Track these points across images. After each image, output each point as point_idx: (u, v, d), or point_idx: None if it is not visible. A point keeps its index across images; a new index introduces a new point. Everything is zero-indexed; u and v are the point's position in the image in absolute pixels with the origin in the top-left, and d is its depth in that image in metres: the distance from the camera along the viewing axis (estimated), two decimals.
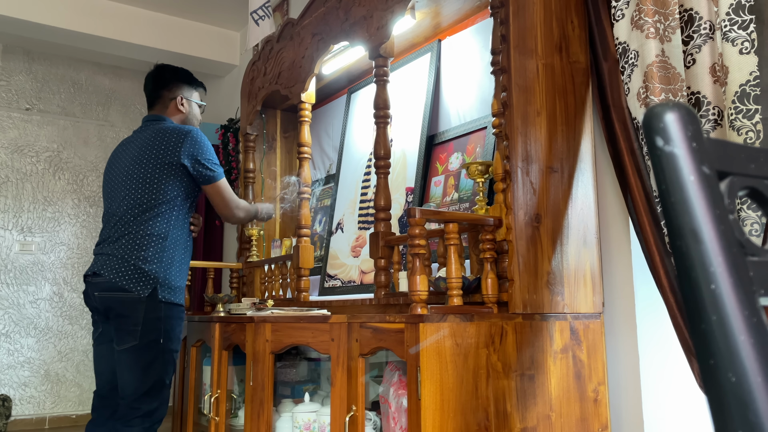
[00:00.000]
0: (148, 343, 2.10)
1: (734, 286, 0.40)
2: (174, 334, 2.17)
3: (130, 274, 2.11)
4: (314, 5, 2.50)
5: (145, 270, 2.11)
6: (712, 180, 0.43)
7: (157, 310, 2.12)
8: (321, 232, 2.90)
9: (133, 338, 2.10)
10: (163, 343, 2.13)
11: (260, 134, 3.11)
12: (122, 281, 2.10)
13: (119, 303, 2.11)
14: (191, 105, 2.47)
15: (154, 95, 2.45)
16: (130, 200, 2.20)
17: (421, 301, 1.51)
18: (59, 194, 4.86)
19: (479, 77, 2.19)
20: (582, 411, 1.67)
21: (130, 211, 2.19)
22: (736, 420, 0.38)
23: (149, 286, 2.10)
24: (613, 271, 1.80)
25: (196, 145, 2.25)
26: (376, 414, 1.82)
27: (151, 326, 2.10)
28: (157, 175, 2.21)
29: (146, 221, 2.17)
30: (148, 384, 2.12)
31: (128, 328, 2.10)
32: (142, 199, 2.19)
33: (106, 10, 4.11)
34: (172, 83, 2.45)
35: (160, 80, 2.45)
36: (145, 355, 2.11)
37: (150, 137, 2.28)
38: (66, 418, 4.65)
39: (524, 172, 1.65)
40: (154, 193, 2.20)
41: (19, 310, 4.61)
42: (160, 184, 2.20)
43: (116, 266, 2.13)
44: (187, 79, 2.50)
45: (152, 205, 2.19)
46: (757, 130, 1.37)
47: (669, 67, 1.51)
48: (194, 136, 2.26)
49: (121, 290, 2.10)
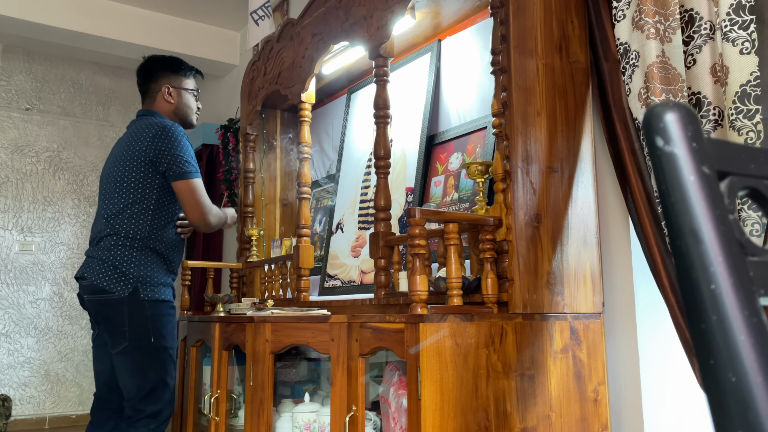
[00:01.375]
0: (138, 343, 2.07)
1: (734, 286, 0.40)
2: (165, 331, 2.13)
3: (110, 274, 2.07)
4: (314, 5, 2.50)
5: (123, 270, 2.07)
6: (712, 180, 0.43)
7: (142, 309, 2.07)
8: (321, 232, 2.90)
9: (124, 339, 2.07)
10: (154, 342, 2.09)
11: (260, 134, 3.11)
12: (103, 282, 2.07)
13: (104, 305, 2.09)
14: (180, 94, 2.35)
15: (143, 89, 2.38)
16: (111, 201, 2.17)
17: (421, 301, 1.51)
18: (59, 194, 4.86)
19: (479, 77, 2.19)
20: (582, 411, 1.67)
21: (110, 212, 2.15)
22: (736, 420, 0.38)
23: (129, 286, 2.06)
24: (613, 271, 1.81)
25: (166, 139, 2.14)
26: (376, 414, 1.82)
27: (138, 326, 2.07)
28: (133, 173, 2.14)
29: (124, 221, 2.12)
30: (149, 385, 2.09)
31: (117, 330, 2.07)
32: (120, 199, 2.14)
33: (106, 10, 4.11)
34: (158, 74, 2.34)
35: (146, 73, 2.36)
36: (139, 356, 2.08)
37: (131, 135, 2.21)
38: (66, 418, 4.65)
39: (524, 172, 1.65)
40: (131, 192, 2.14)
41: (19, 310, 4.61)
42: (137, 182, 2.14)
43: (97, 268, 2.10)
44: (174, 66, 2.37)
45: (129, 204, 2.13)
46: (758, 131, 1.37)
47: (669, 68, 1.51)
48: (167, 131, 2.15)
49: (103, 292, 2.07)
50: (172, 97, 2.33)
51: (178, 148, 2.13)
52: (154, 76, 2.34)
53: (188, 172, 2.15)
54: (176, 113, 2.34)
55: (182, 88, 2.35)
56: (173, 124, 2.19)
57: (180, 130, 2.19)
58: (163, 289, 2.14)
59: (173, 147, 2.13)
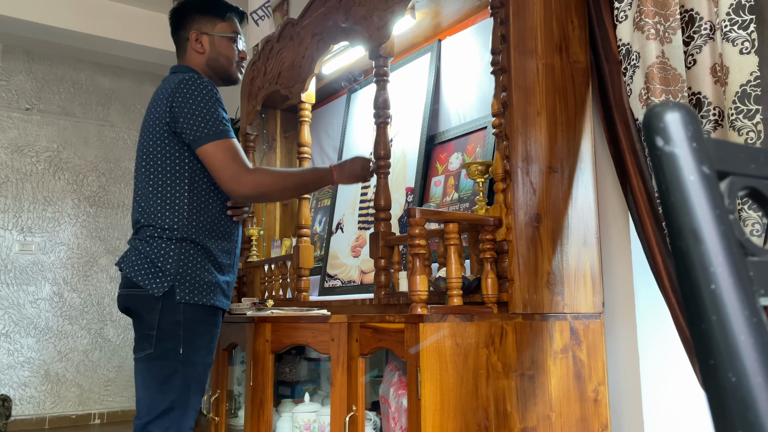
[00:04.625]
0: (164, 352, 1.68)
1: (734, 286, 0.40)
2: (200, 342, 1.72)
3: (146, 268, 1.71)
4: (314, 5, 2.50)
5: (160, 266, 1.70)
6: (713, 180, 0.43)
7: (176, 313, 1.69)
8: (321, 232, 2.90)
9: (149, 345, 1.70)
10: (183, 354, 1.69)
11: (260, 134, 3.11)
12: (137, 276, 1.71)
13: (135, 301, 1.74)
14: (213, 41, 1.92)
15: (175, 39, 1.97)
16: (140, 182, 1.80)
17: (421, 301, 1.51)
18: (59, 194, 4.86)
19: (479, 77, 2.19)
20: (582, 411, 1.67)
21: (142, 198, 1.78)
22: (736, 420, 0.38)
23: (166, 284, 1.69)
24: (613, 271, 1.80)
25: (180, 96, 1.71)
26: (376, 414, 1.82)
27: (168, 332, 1.69)
28: (157, 147, 1.75)
29: (157, 209, 1.74)
30: (165, 404, 1.68)
31: (144, 332, 1.71)
32: (149, 182, 1.76)
33: (106, 10, 4.11)
34: (187, 18, 1.92)
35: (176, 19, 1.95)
36: (161, 367, 1.69)
37: (153, 99, 1.83)
38: (66, 418, 4.65)
39: (524, 172, 1.65)
40: (158, 171, 1.75)
41: (19, 310, 4.61)
42: (162, 158, 1.75)
43: (134, 259, 1.74)
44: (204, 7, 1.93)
45: (159, 188, 1.75)
46: (758, 131, 1.37)
47: (669, 68, 1.51)
48: (182, 86, 1.73)
49: (136, 287, 1.72)
50: (203, 46, 1.90)
51: (196, 105, 1.71)
52: (183, 21, 1.92)
53: (210, 134, 1.70)
54: (209, 65, 1.93)
55: (215, 33, 1.92)
56: (193, 76, 1.77)
57: (202, 83, 1.75)
58: (207, 291, 1.73)
59: (191, 104, 1.71)
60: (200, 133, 1.70)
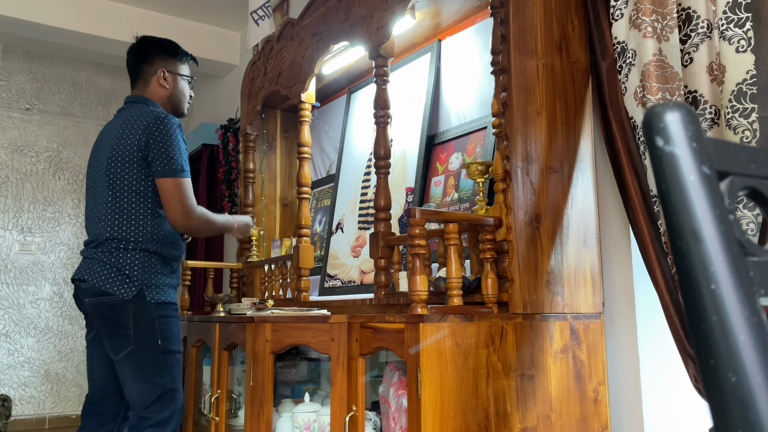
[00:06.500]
0: (144, 346, 1.95)
1: (734, 286, 0.40)
2: (171, 333, 2.02)
3: (114, 276, 1.96)
4: (314, 5, 2.50)
5: (127, 273, 1.96)
6: (713, 180, 0.43)
7: (148, 311, 1.97)
8: (321, 232, 2.90)
9: (128, 342, 1.94)
10: (161, 345, 1.97)
11: (260, 134, 3.11)
12: (106, 285, 1.96)
13: (107, 307, 1.97)
14: (176, 80, 2.19)
15: (135, 71, 2.19)
16: (105, 200, 2.04)
17: (421, 301, 1.51)
18: (59, 194, 4.86)
19: (479, 77, 2.19)
20: (582, 411, 1.67)
21: (107, 214, 2.02)
22: (736, 420, 0.38)
23: (134, 288, 1.96)
24: (613, 271, 1.80)
25: (157, 132, 1.98)
26: (376, 414, 1.82)
27: (144, 328, 1.95)
28: (126, 170, 2.00)
29: (123, 225, 2.00)
30: (157, 391, 1.95)
31: (121, 333, 1.95)
32: (116, 200, 2.01)
33: (106, 10, 4.11)
34: (153, 55, 2.16)
35: (140, 53, 2.17)
36: (144, 360, 1.95)
37: (122, 125, 2.05)
38: (66, 418, 4.65)
39: (524, 172, 1.65)
40: (125, 192, 2.01)
41: (19, 310, 4.61)
42: (131, 180, 2.00)
43: (99, 270, 1.98)
44: (171, 50, 2.19)
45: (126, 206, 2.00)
46: (754, 129, 1.37)
47: (666, 66, 1.51)
48: (160, 123, 1.99)
49: (106, 294, 1.96)
50: (167, 83, 2.17)
51: (169, 143, 1.98)
52: (150, 57, 2.16)
53: (175, 170, 1.98)
54: (170, 100, 2.19)
55: (178, 73, 2.19)
56: (167, 115, 2.05)
57: (174, 123, 2.04)
58: (168, 290, 2.05)
59: (164, 141, 1.98)
60: (167, 167, 1.99)
